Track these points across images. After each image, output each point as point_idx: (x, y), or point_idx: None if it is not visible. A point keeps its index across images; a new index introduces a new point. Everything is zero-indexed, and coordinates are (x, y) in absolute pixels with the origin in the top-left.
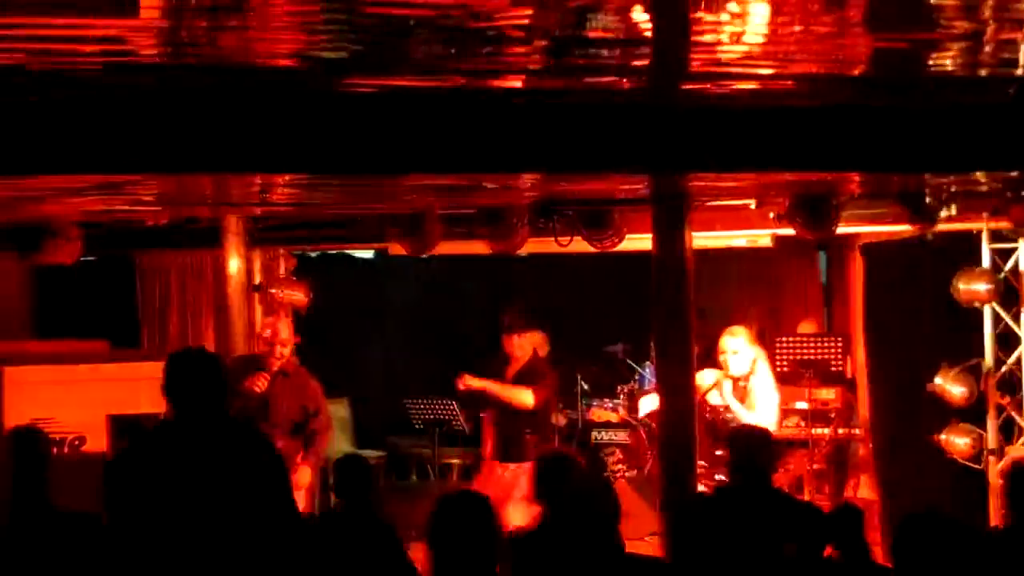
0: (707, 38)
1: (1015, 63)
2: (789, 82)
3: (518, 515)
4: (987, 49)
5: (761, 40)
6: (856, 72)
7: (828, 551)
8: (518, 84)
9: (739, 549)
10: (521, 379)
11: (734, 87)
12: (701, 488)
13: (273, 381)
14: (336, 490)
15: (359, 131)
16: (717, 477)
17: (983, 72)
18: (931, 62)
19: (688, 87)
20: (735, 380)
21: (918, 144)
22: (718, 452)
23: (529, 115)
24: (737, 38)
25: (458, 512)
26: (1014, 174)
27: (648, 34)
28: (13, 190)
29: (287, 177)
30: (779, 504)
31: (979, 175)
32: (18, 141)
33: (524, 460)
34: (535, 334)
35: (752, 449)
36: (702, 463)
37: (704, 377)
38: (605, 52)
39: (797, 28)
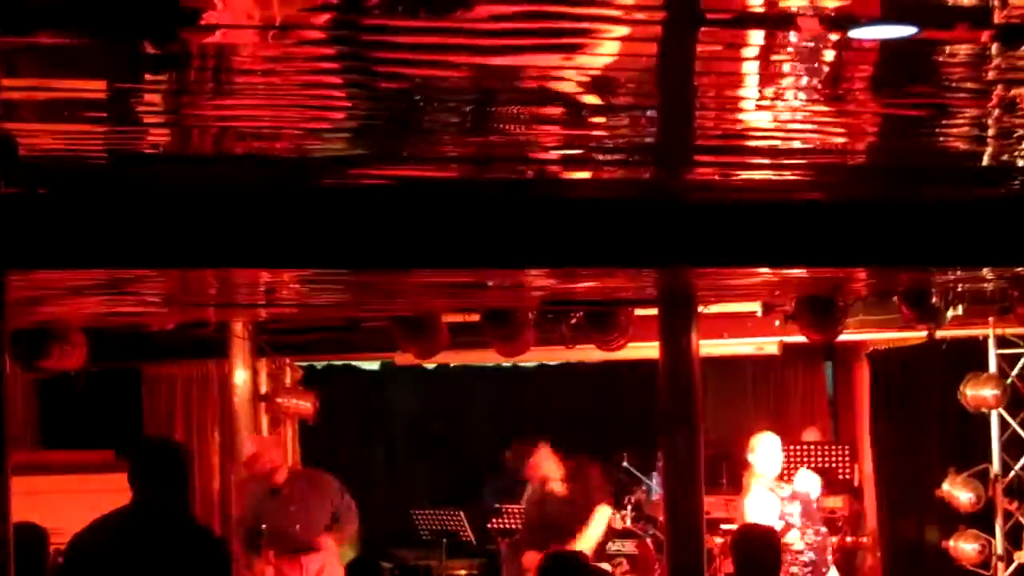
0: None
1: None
2: (794, 172)
3: None
4: (993, 123)
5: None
6: (862, 145)
7: None
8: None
9: None
10: None
11: (738, 176)
12: None
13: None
14: None
15: (364, 224)
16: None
17: (988, 158)
18: (939, 131)
19: (693, 174)
20: None
21: (924, 239)
22: None
23: (535, 209)
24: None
25: None
26: (1022, 270)
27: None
28: (13, 288)
29: (293, 274)
30: None
31: (986, 272)
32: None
33: None
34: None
35: (757, 549)
36: None
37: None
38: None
39: (800, 98)
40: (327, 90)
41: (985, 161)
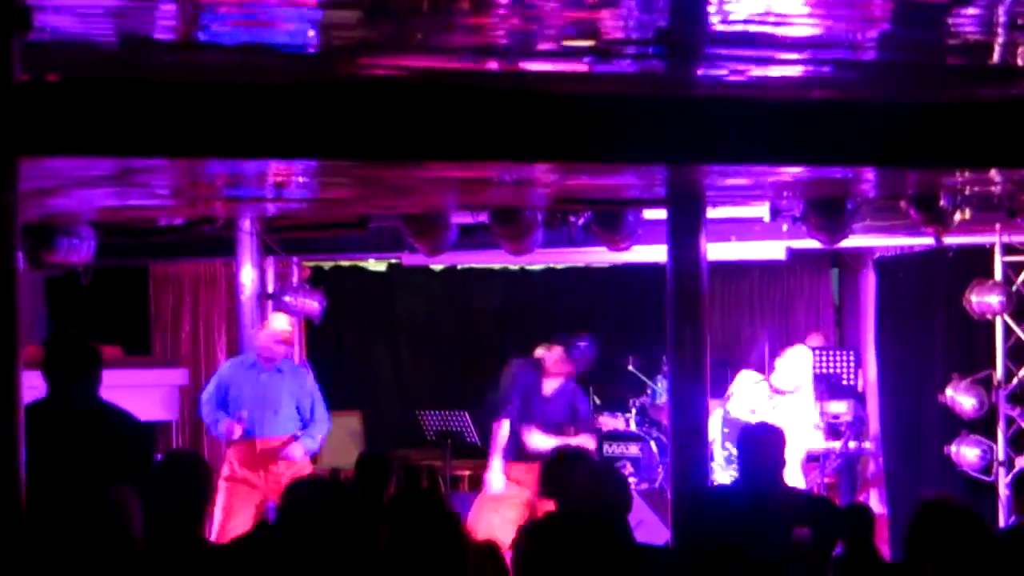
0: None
1: None
2: (805, 67)
3: None
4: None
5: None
6: (874, 33)
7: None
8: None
9: (749, 535)
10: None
11: (748, 70)
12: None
13: None
14: (357, 484)
15: (372, 115)
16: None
17: (997, 55)
18: (951, 21)
19: (703, 67)
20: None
21: (933, 138)
22: None
23: (545, 105)
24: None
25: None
26: None
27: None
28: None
29: (302, 166)
30: (790, 495)
31: (993, 174)
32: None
33: None
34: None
35: (764, 445)
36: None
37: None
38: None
39: None
40: None
41: (995, 58)
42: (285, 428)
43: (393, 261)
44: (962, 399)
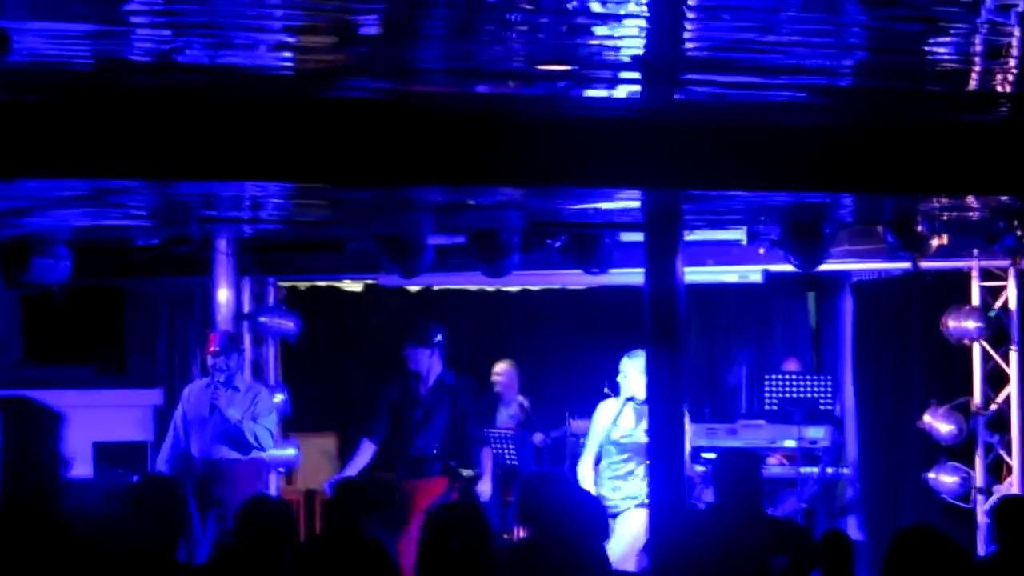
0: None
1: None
2: (784, 91)
3: None
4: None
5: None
6: (851, 62)
7: None
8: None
9: (726, 561)
10: None
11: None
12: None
13: None
14: (329, 512)
15: (349, 139)
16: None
17: (975, 81)
18: (927, 48)
19: (685, 91)
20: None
21: (910, 165)
22: None
23: (524, 128)
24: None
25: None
26: (1007, 199)
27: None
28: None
29: (277, 188)
30: (768, 523)
31: (971, 201)
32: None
33: None
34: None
35: (739, 471)
36: None
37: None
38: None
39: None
40: None
41: (972, 85)
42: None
43: (369, 282)
44: (940, 425)
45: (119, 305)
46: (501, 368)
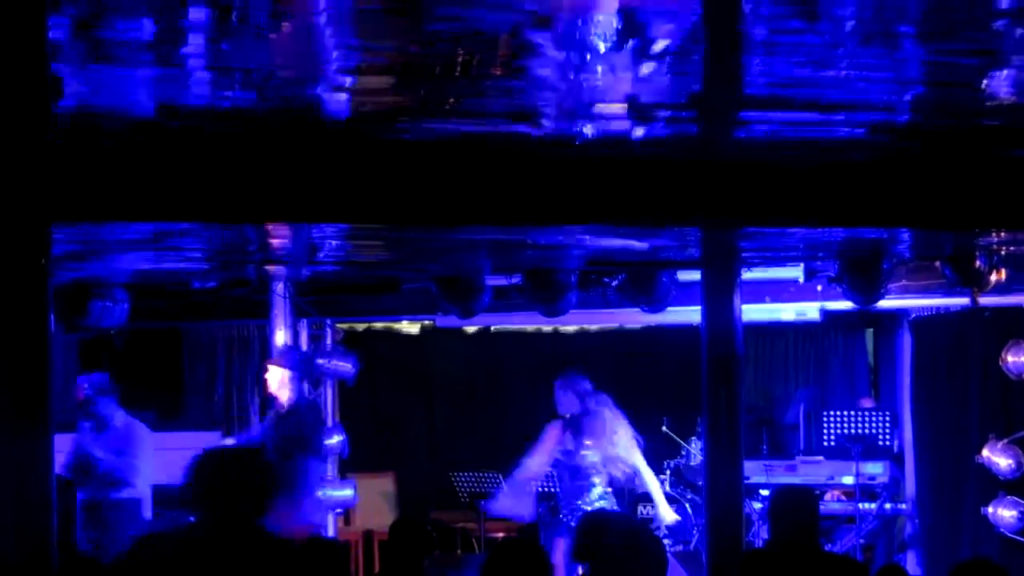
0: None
1: None
2: (840, 127)
3: None
4: None
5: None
6: (909, 97)
7: None
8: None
9: None
10: None
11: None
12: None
13: None
14: (387, 553)
15: (407, 180)
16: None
17: None
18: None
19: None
20: None
21: (968, 200)
22: None
23: (582, 168)
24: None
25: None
26: None
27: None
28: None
29: (336, 229)
30: (826, 560)
31: None
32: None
33: None
34: None
35: (796, 507)
36: None
37: None
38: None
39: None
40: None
41: None
42: None
43: (426, 323)
44: (998, 459)
45: (177, 348)
46: None
